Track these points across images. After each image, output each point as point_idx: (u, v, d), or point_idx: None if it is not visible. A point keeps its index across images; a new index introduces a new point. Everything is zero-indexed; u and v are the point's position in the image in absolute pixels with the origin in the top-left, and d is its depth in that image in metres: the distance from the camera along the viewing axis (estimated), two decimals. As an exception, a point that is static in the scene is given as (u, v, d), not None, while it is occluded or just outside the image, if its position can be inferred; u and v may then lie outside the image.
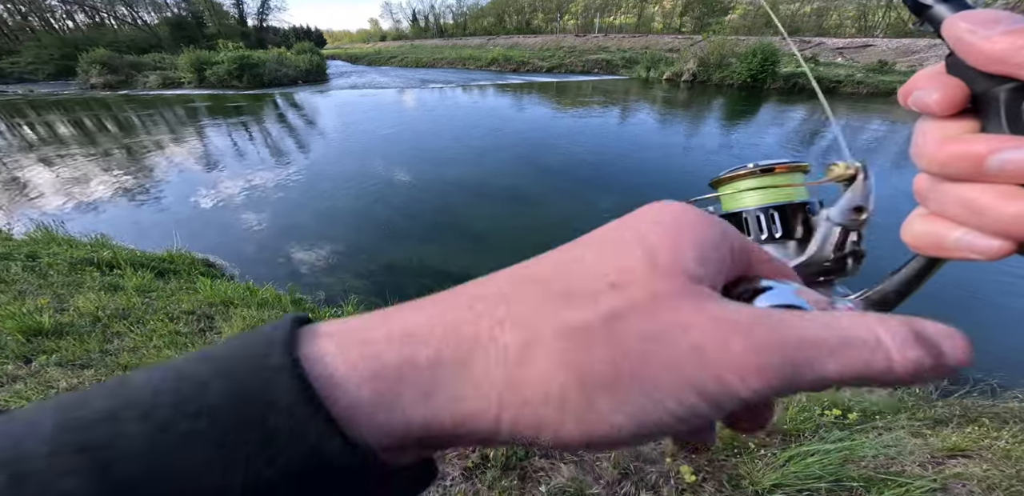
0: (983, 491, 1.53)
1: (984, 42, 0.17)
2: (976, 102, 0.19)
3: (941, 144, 0.19)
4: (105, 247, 4.61)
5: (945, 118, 0.20)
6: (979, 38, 0.18)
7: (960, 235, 0.20)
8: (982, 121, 0.19)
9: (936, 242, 0.21)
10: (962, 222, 0.20)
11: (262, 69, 25.24)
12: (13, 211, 6.85)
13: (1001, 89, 0.18)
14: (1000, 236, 0.18)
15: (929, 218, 0.21)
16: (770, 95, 17.76)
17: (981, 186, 0.18)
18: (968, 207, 0.19)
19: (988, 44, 0.17)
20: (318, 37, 75.04)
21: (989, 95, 0.19)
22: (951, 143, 0.19)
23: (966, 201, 0.19)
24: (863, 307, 0.29)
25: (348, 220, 6.18)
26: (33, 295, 3.19)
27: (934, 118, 0.20)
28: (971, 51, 0.18)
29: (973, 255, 0.19)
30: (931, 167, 0.20)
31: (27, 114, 17.07)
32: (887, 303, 0.28)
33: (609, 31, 44.13)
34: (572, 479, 1.56)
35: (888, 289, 0.28)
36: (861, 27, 35.69)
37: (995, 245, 0.18)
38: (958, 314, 3.89)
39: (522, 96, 18.60)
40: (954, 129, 0.20)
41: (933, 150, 0.20)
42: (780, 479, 1.50)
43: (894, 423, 1.97)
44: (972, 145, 0.18)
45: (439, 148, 9.91)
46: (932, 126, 0.20)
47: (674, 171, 8.02)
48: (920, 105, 0.20)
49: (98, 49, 28.04)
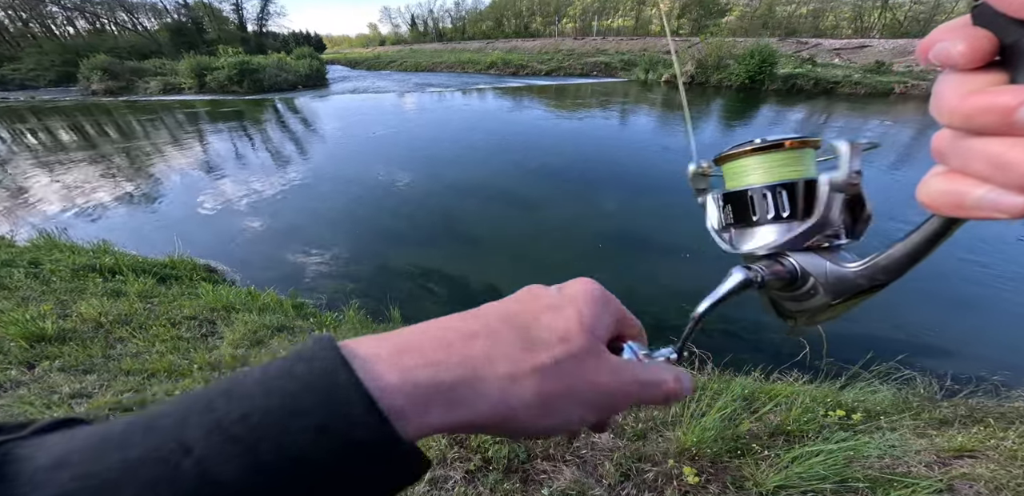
0: (990, 492, 1.52)
1: None
2: (1005, 54, 0.18)
3: (966, 96, 0.18)
4: (107, 253, 4.63)
5: (970, 71, 0.19)
6: None
7: (984, 193, 0.19)
8: (1011, 73, 0.18)
9: (956, 201, 0.20)
10: (986, 178, 0.19)
11: (262, 74, 25.35)
12: (16, 218, 6.87)
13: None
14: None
15: (949, 176, 0.20)
16: (768, 96, 17.79)
17: (1010, 140, 0.17)
18: (994, 162, 0.18)
19: None
20: (317, 42, 75.33)
21: (1021, 45, 0.17)
22: (978, 95, 0.18)
23: (992, 156, 0.18)
24: (869, 274, 0.28)
25: (348, 224, 6.19)
26: (36, 301, 3.20)
27: (958, 72, 0.19)
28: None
29: (997, 213, 0.19)
30: (954, 121, 0.19)
31: (29, 120, 17.16)
32: (897, 269, 0.27)
33: (607, 34, 44.29)
34: (574, 481, 1.56)
35: (898, 253, 0.27)
36: (857, 28, 35.77)
37: (1021, 201, 0.18)
38: (961, 312, 3.88)
39: (521, 99, 18.65)
40: (980, 82, 0.18)
41: (957, 103, 0.18)
42: (784, 480, 1.50)
43: (898, 423, 1.97)
44: (1000, 96, 0.17)
45: (439, 152, 9.94)
46: (956, 79, 0.19)
47: (673, 172, 8.02)
48: (943, 57, 0.19)
49: (99, 55, 28.17)
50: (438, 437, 1.71)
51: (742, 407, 1.94)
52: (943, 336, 3.59)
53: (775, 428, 1.87)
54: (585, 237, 5.50)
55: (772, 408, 1.95)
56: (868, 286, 0.29)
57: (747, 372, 2.61)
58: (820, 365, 2.69)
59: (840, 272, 0.30)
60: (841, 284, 0.30)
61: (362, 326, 3.40)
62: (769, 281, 0.32)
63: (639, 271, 4.72)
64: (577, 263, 4.89)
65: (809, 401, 2.07)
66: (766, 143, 0.33)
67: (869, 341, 3.18)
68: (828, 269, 0.30)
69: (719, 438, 1.69)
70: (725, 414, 1.79)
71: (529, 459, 1.66)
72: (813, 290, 0.31)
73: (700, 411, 1.84)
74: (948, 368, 2.93)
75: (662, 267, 4.74)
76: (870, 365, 2.59)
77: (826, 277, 0.30)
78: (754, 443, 1.74)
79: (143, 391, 2.27)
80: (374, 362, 0.22)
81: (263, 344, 2.88)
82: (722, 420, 1.75)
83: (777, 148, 0.33)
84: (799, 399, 2.05)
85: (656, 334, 0.30)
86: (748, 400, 2.02)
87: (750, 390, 2.09)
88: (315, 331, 3.21)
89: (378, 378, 0.21)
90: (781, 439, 1.80)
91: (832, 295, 0.30)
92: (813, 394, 2.20)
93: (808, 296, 0.32)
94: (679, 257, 4.84)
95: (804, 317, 0.34)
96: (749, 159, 0.34)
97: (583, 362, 0.26)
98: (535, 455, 1.68)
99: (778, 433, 1.85)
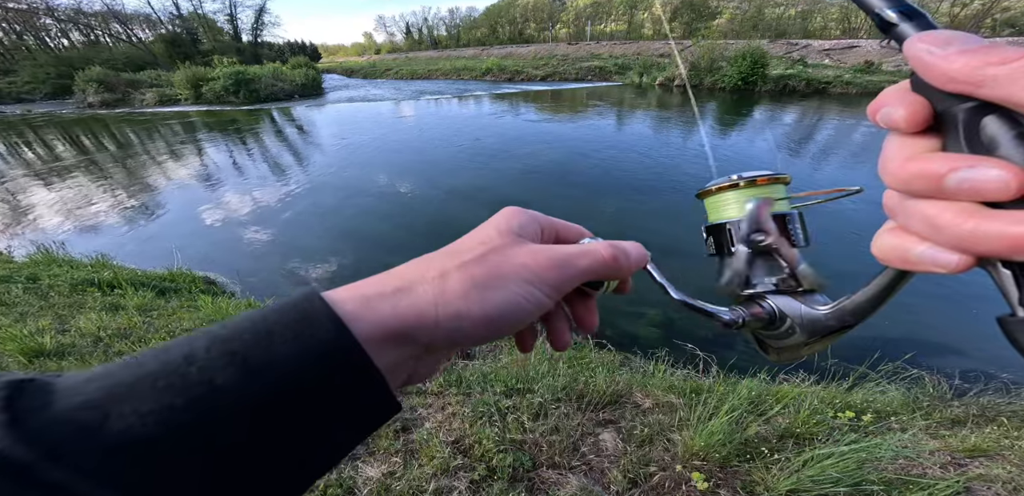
0: (1008, 493, 1.51)
1: (941, 62, 0.18)
2: (938, 120, 0.20)
3: (904, 162, 0.20)
4: (106, 267, 4.60)
5: (910, 135, 0.21)
6: (937, 58, 0.18)
7: (923, 249, 0.21)
8: (943, 139, 0.20)
9: (902, 256, 0.22)
10: (925, 237, 0.21)
11: (258, 84, 25.42)
12: (14, 233, 6.85)
13: (960, 108, 0.19)
14: (959, 251, 0.19)
15: (896, 232, 0.22)
16: (762, 98, 17.92)
17: (942, 203, 0.19)
18: (929, 223, 0.20)
19: (945, 63, 0.18)
20: (313, 51, 75.75)
21: (949, 114, 0.19)
22: (913, 161, 0.20)
23: (927, 217, 0.20)
24: (838, 316, 0.31)
25: (347, 233, 6.18)
26: (35, 317, 3.17)
27: (900, 134, 0.21)
28: (930, 70, 0.19)
29: (936, 268, 0.21)
30: (895, 184, 0.21)
31: (26, 134, 17.17)
32: (861, 313, 0.30)
33: (601, 38, 44.65)
34: (581, 489, 1.53)
35: (860, 300, 0.29)
36: (845, 29, 36.18)
37: (955, 259, 0.20)
38: (965, 309, 3.87)
39: (518, 104, 18.75)
40: (918, 147, 0.20)
41: (897, 168, 0.21)
42: (796, 484, 1.47)
43: (910, 424, 1.95)
44: (931, 164, 0.19)
45: (437, 158, 9.97)
46: (897, 143, 0.21)
47: (673, 173, 8.04)
48: (887, 121, 0.21)
49: (94, 67, 28.27)
50: (440, 446, 1.69)
51: (749, 410, 1.92)
52: (949, 334, 3.57)
53: (784, 431, 1.85)
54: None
55: (780, 410, 1.93)
56: (838, 327, 0.32)
57: (753, 374, 2.58)
58: (826, 366, 2.67)
59: (813, 314, 0.33)
60: (814, 325, 0.33)
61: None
62: (749, 322, 0.35)
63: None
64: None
65: (817, 402, 2.06)
66: (741, 179, 0.36)
67: (875, 340, 3.17)
68: (803, 311, 0.33)
69: (727, 442, 1.67)
70: (732, 417, 1.76)
71: (535, 467, 1.64)
72: (791, 330, 0.34)
73: (707, 414, 1.82)
74: (956, 366, 2.92)
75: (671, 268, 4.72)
76: (877, 365, 2.58)
77: (801, 318, 0.33)
78: (763, 446, 1.72)
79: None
80: (338, 292, 0.26)
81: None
82: (729, 423, 1.73)
83: (751, 184, 0.36)
84: (807, 401, 2.03)
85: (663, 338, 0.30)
86: (755, 403, 2.00)
87: (756, 392, 2.07)
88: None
89: (339, 300, 0.25)
90: (790, 442, 1.78)
91: (807, 334, 0.33)
92: (821, 395, 2.19)
93: (787, 335, 0.34)
94: (692, 259, 4.83)
95: (786, 353, 0.37)
96: (727, 194, 0.37)
97: (503, 251, 0.30)
98: (540, 463, 1.66)
99: (787, 436, 1.83)
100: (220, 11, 53.08)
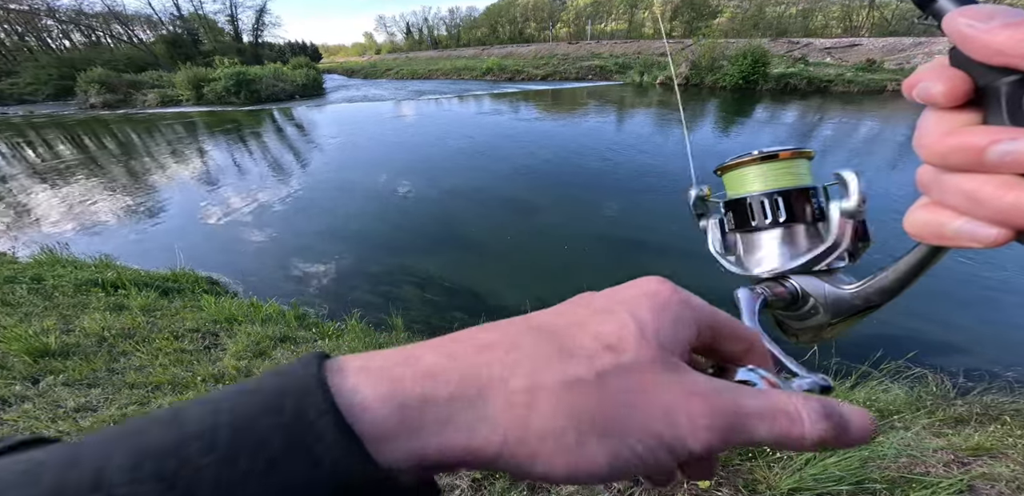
0: (1012, 492, 1.50)
1: (984, 35, 0.18)
2: (979, 94, 0.20)
3: (942, 136, 0.20)
4: (109, 268, 4.62)
5: (948, 110, 0.20)
6: (980, 31, 0.18)
7: (961, 224, 0.20)
8: (984, 113, 0.19)
9: (937, 231, 0.21)
10: (963, 211, 0.20)
11: (259, 85, 25.42)
12: (18, 234, 6.87)
13: (1003, 82, 0.19)
14: (999, 224, 0.19)
15: (931, 207, 0.22)
16: (763, 96, 17.88)
17: (981, 176, 0.19)
18: (968, 197, 0.19)
19: (988, 37, 0.18)
20: (313, 51, 75.76)
21: (991, 87, 0.19)
22: (952, 135, 0.19)
23: (966, 191, 0.19)
24: (865, 296, 0.30)
25: (349, 234, 6.18)
26: (39, 317, 3.19)
27: (937, 110, 0.21)
28: (972, 44, 0.18)
29: (973, 243, 0.20)
30: (932, 158, 0.20)
31: (28, 135, 17.22)
32: (889, 291, 0.29)
33: (601, 38, 44.57)
34: (582, 487, 1.54)
35: (889, 277, 0.28)
36: (846, 27, 36.06)
37: (993, 233, 0.19)
38: (969, 308, 3.86)
39: (518, 104, 18.74)
40: (956, 121, 0.20)
41: (934, 142, 0.20)
42: (798, 483, 1.48)
43: (913, 422, 1.95)
44: (972, 137, 0.19)
45: (438, 158, 9.97)
46: (934, 118, 0.21)
47: (672, 173, 8.03)
48: (924, 96, 0.20)
49: (96, 68, 28.29)
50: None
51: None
52: (953, 333, 3.56)
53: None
54: (589, 239, 5.49)
55: (783, 409, 1.93)
56: (864, 307, 0.31)
57: (755, 372, 2.58)
58: (829, 364, 2.67)
59: (838, 293, 0.32)
60: (839, 304, 0.32)
61: (365, 335, 3.38)
62: (772, 301, 0.34)
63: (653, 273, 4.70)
64: (583, 267, 4.87)
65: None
66: (763, 153, 0.35)
67: (878, 339, 3.16)
68: (827, 291, 0.33)
69: (729, 440, 1.67)
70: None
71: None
72: (813, 310, 0.33)
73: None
74: (960, 365, 2.91)
75: (671, 268, 4.73)
76: (880, 363, 2.57)
77: (825, 298, 0.33)
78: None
79: (147, 404, 2.25)
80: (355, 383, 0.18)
81: (266, 355, 2.87)
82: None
83: (773, 158, 0.35)
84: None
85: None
86: (758, 401, 2.00)
87: (759, 391, 2.06)
88: (318, 341, 3.20)
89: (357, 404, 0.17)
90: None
91: (831, 314, 0.33)
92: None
93: (809, 315, 0.34)
94: (692, 259, 4.83)
95: (807, 335, 0.36)
96: (748, 169, 0.37)
97: (641, 376, 0.20)
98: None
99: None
100: (221, 12, 53.12)
